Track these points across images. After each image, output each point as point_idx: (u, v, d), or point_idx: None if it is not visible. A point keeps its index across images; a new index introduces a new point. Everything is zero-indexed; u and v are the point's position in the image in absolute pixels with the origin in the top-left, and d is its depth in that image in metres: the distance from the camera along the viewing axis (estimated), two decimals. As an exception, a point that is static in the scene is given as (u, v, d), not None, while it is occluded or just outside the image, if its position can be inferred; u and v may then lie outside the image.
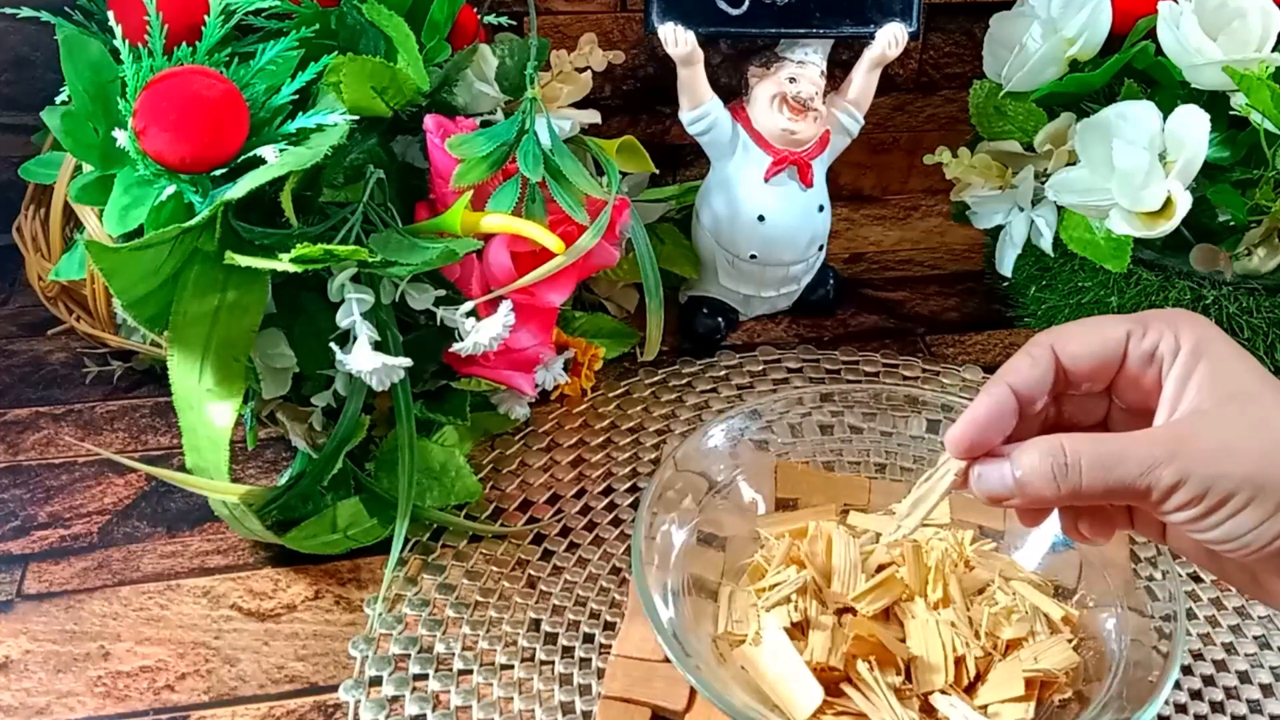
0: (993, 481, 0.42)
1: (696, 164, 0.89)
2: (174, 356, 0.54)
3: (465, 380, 0.65)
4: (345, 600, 0.58)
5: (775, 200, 0.73)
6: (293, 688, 0.54)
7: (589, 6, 0.83)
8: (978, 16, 0.88)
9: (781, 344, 0.78)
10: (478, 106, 0.66)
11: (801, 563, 0.54)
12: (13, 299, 0.79)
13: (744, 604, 0.54)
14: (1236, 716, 0.54)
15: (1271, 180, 0.66)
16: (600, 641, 0.56)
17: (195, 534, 0.61)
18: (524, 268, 0.60)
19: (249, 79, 0.57)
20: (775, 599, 0.52)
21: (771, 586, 0.53)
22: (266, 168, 0.52)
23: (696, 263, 0.77)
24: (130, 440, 0.68)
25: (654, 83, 0.86)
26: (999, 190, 0.76)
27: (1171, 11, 0.67)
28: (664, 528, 0.55)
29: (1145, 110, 0.66)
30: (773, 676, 0.50)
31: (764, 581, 0.54)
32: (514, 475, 0.66)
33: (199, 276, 0.54)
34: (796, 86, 0.70)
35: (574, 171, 0.61)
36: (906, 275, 0.87)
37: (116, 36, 0.54)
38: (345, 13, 0.60)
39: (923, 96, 0.94)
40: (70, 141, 0.55)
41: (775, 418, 0.61)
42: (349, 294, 0.55)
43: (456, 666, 0.55)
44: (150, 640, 0.56)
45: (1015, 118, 0.74)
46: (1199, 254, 0.70)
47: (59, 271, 0.62)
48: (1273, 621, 0.59)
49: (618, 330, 0.75)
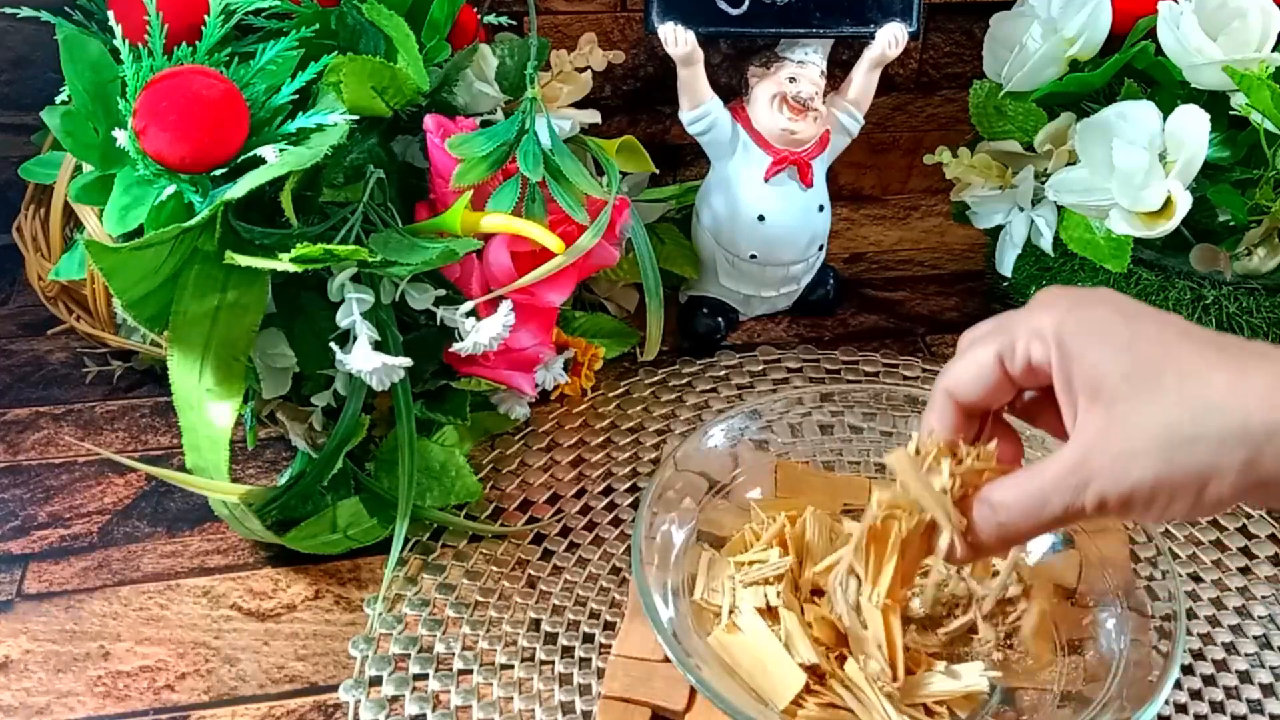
0: (944, 545, 0.44)
1: (696, 164, 0.89)
2: (174, 356, 0.54)
3: (465, 380, 0.65)
4: (345, 600, 0.58)
5: (775, 200, 0.73)
6: (293, 688, 0.54)
7: (589, 6, 0.83)
8: (978, 16, 0.88)
9: (781, 344, 0.78)
10: (478, 106, 0.66)
11: (785, 546, 0.54)
12: (13, 299, 0.79)
13: (721, 573, 0.54)
14: (1236, 716, 0.54)
15: (1271, 180, 0.66)
16: (600, 641, 0.56)
17: (195, 534, 0.61)
18: (524, 268, 0.60)
19: (249, 79, 0.57)
20: (753, 576, 0.52)
21: (751, 563, 0.54)
22: (266, 168, 0.52)
23: (696, 263, 0.78)
24: (130, 440, 0.68)
25: (654, 83, 0.86)
26: (999, 190, 0.76)
27: (1171, 11, 0.67)
28: (664, 528, 0.55)
29: (1145, 110, 0.66)
30: (750, 663, 0.50)
31: (745, 556, 0.54)
32: (514, 475, 0.66)
33: (199, 276, 0.54)
34: (796, 86, 0.71)
35: (574, 171, 0.61)
36: (906, 275, 0.87)
37: (116, 36, 0.54)
38: (345, 13, 0.60)
39: (923, 96, 0.94)
40: (70, 141, 0.55)
41: (775, 418, 0.61)
42: (349, 294, 0.55)
43: (456, 666, 0.55)
44: (150, 640, 0.56)
45: (1015, 118, 0.74)
46: (1199, 254, 0.70)
47: (59, 271, 0.62)
48: (1273, 621, 0.59)
49: (618, 330, 0.75)
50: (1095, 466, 0.40)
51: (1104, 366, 0.40)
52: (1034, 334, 0.42)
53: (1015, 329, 0.42)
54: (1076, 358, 0.40)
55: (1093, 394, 0.40)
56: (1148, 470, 0.39)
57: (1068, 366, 0.41)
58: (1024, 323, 0.42)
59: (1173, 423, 0.39)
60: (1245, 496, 0.39)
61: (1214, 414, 0.38)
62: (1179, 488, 0.39)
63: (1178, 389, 0.39)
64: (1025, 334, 0.42)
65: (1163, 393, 0.39)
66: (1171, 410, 0.39)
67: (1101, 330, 0.41)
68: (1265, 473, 0.38)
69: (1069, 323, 0.41)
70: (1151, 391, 0.39)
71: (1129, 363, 0.40)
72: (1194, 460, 0.38)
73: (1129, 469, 0.39)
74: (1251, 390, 0.38)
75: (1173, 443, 0.39)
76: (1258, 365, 0.39)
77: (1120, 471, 0.39)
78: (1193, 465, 0.38)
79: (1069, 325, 0.41)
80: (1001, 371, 0.43)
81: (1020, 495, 0.42)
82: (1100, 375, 0.40)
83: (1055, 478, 0.41)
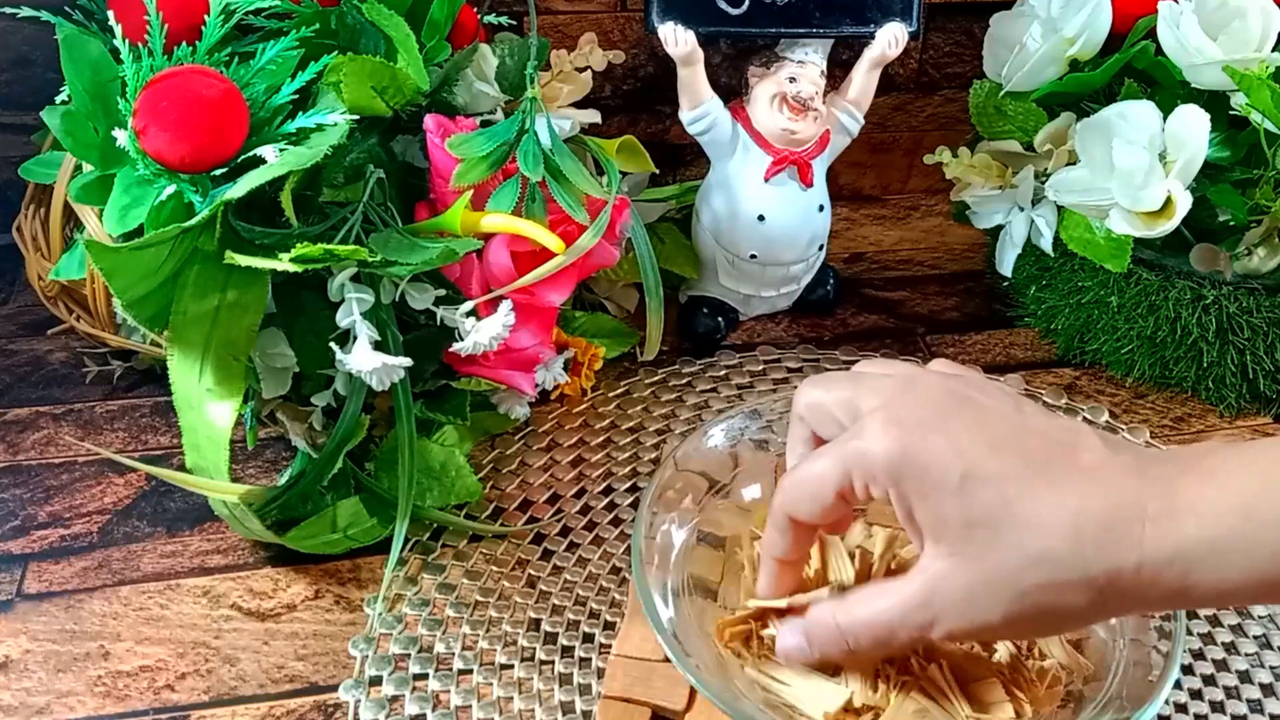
0: (789, 645, 0.46)
1: (696, 164, 0.89)
2: (174, 356, 0.54)
3: (465, 380, 0.65)
4: (345, 600, 0.58)
5: (775, 200, 0.73)
6: (293, 687, 0.54)
7: (589, 6, 0.83)
8: (978, 16, 0.88)
9: (781, 344, 0.78)
10: (478, 106, 0.66)
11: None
12: (13, 299, 0.79)
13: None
14: (1236, 716, 0.54)
15: (1271, 180, 0.66)
16: (600, 641, 0.56)
17: (195, 534, 0.61)
18: (524, 268, 0.60)
19: (249, 79, 0.57)
20: None
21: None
22: (266, 167, 0.52)
23: (696, 262, 0.78)
24: (130, 440, 0.68)
25: (654, 83, 0.86)
26: (999, 190, 0.76)
27: (1171, 11, 0.67)
28: (664, 528, 0.55)
29: (1145, 110, 0.66)
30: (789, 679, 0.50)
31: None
32: (514, 475, 0.66)
33: (199, 276, 0.54)
34: (796, 86, 0.71)
35: (574, 171, 0.61)
36: (906, 275, 0.87)
37: (116, 36, 0.54)
38: (345, 12, 0.60)
39: (923, 96, 0.94)
40: (70, 141, 0.55)
41: (775, 418, 0.61)
42: (349, 294, 0.55)
43: (456, 666, 0.55)
44: (150, 640, 0.56)
45: (1015, 117, 0.74)
46: (1199, 254, 0.70)
47: (59, 271, 0.62)
48: (1273, 621, 0.59)
49: (618, 330, 0.75)
50: (942, 606, 0.41)
51: (942, 512, 0.40)
52: (869, 472, 0.42)
53: (847, 456, 0.42)
54: (916, 501, 0.41)
55: (935, 537, 0.41)
56: (995, 612, 0.40)
57: (907, 506, 0.41)
58: (856, 452, 0.42)
59: (1015, 574, 0.40)
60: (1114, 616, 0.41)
61: (1054, 566, 0.39)
62: (1033, 621, 0.41)
63: (1017, 543, 0.40)
64: (861, 471, 0.42)
65: (1003, 546, 0.40)
66: (1012, 561, 0.40)
67: (936, 473, 0.40)
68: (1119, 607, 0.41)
69: (902, 464, 0.41)
70: (991, 543, 0.40)
71: (965, 509, 0.40)
72: (1042, 602, 0.40)
73: (976, 612, 0.40)
74: (1087, 525, 0.39)
75: (1017, 592, 0.40)
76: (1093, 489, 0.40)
77: (968, 613, 0.41)
78: (1042, 606, 0.40)
79: (902, 468, 0.41)
80: (842, 502, 0.44)
81: (871, 623, 0.43)
82: (940, 520, 0.41)
83: (903, 612, 0.42)
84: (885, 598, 0.43)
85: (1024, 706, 0.49)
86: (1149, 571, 0.38)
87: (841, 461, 0.42)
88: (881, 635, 0.43)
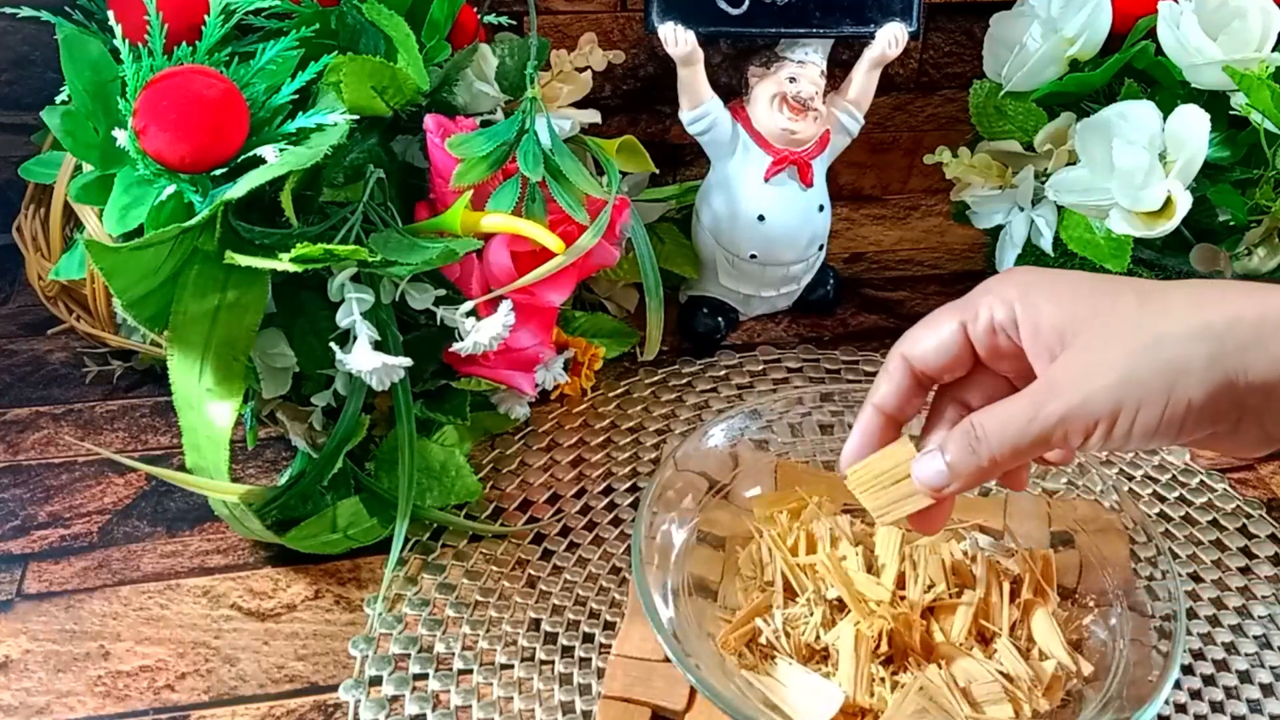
0: (929, 474, 0.44)
1: (696, 164, 0.89)
2: (174, 356, 0.54)
3: (465, 380, 0.65)
4: (345, 600, 0.58)
5: (775, 200, 0.73)
6: (293, 687, 0.54)
7: (589, 6, 0.83)
8: (978, 16, 0.88)
9: (781, 344, 0.78)
10: (478, 106, 0.66)
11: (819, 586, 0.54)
12: (13, 299, 0.79)
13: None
14: (1236, 716, 0.54)
15: (1271, 180, 0.66)
16: (600, 641, 0.56)
17: (195, 534, 0.61)
18: (524, 268, 0.60)
19: (249, 79, 0.57)
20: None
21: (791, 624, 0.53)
22: (266, 167, 0.52)
23: (696, 262, 0.78)
24: (130, 440, 0.68)
25: (654, 83, 0.86)
26: (999, 190, 0.76)
27: (1171, 11, 0.67)
28: (664, 528, 0.55)
29: (1145, 110, 0.66)
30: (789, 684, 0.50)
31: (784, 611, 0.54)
32: (514, 475, 0.66)
33: (199, 276, 0.54)
34: (796, 86, 0.71)
35: (574, 171, 0.61)
36: (906, 275, 0.87)
37: (116, 36, 0.54)
38: (345, 12, 0.60)
39: (923, 96, 0.94)
40: (70, 141, 0.55)
41: (775, 418, 0.61)
42: (349, 294, 0.55)
43: (456, 666, 0.55)
44: (150, 640, 0.56)
45: (1015, 117, 0.74)
46: (1199, 254, 0.70)
47: (59, 271, 0.62)
48: (1273, 621, 0.59)
49: (618, 330, 0.75)
50: (1059, 380, 0.41)
51: (1070, 308, 0.42)
52: (997, 298, 0.43)
53: (976, 299, 0.44)
54: (1043, 306, 0.42)
55: (1060, 336, 0.42)
56: (1112, 373, 0.40)
57: (1034, 316, 0.42)
58: (985, 293, 0.44)
59: (1136, 330, 0.40)
60: (1216, 404, 0.40)
61: (1175, 318, 0.40)
62: (1146, 389, 0.40)
63: (1138, 305, 0.41)
64: (987, 300, 0.43)
65: (1124, 309, 0.41)
66: (1133, 321, 0.41)
67: (1064, 283, 0.43)
68: (1231, 368, 0.39)
69: (1031, 281, 0.43)
70: (1113, 312, 0.41)
71: (1092, 305, 0.42)
72: (1159, 357, 0.40)
73: (1094, 376, 0.40)
74: (1208, 300, 0.40)
75: (1136, 347, 0.40)
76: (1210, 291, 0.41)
77: (1079, 380, 0.40)
78: (1158, 362, 0.40)
79: (1031, 283, 0.43)
80: (963, 338, 0.44)
81: (994, 413, 0.42)
82: (1066, 317, 0.42)
83: (1023, 395, 0.42)
84: (1016, 400, 0.42)
85: (1023, 707, 0.49)
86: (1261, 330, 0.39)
87: (966, 299, 0.44)
88: (1005, 421, 0.42)
